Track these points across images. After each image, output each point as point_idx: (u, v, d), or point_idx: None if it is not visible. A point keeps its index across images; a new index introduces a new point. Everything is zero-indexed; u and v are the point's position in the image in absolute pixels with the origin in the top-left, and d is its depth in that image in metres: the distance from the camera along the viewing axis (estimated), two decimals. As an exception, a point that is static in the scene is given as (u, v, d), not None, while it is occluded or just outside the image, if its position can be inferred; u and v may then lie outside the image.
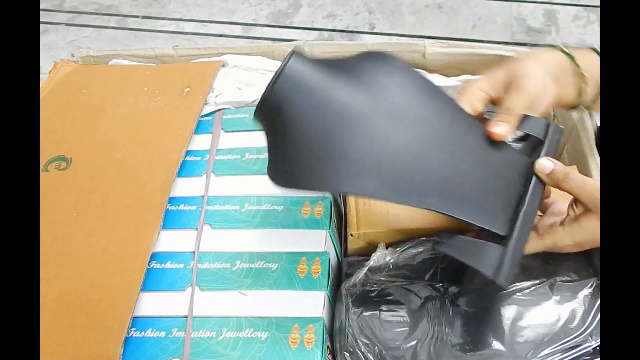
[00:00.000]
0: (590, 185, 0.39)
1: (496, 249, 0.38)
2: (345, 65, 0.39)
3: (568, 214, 0.41)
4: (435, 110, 0.40)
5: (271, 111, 0.37)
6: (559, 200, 0.44)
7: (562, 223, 0.41)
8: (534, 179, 0.41)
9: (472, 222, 0.39)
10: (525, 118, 0.43)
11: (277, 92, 0.36)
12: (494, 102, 0.45)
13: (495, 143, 0.42)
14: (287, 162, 0.37)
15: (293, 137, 0.36)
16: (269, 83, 0.36)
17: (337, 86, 0.37)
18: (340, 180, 0.35)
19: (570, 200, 0.42)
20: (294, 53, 0.37)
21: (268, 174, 0.38)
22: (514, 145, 0.47)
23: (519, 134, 0.46)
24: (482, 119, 0.44)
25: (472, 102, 0.43)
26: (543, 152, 0.42)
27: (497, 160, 0.41)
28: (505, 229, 0.39)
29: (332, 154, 0.35)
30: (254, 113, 0.38)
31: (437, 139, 0.39)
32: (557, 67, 0.45)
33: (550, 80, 0.44)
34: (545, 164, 0.41)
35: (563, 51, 0.46)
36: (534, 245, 0.41)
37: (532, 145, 0.45)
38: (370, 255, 0.48)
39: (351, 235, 0.51)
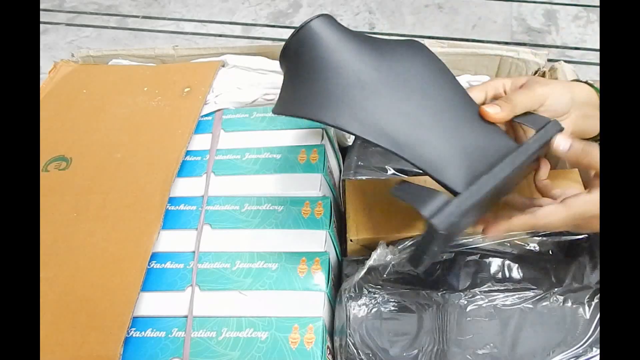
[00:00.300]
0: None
1: (443, 198, 0.38)
2: (371, 38, 0.43)
3: (594, 184, 0.40)
4: (436, 85, 0.42)
5: (299, 43, 0.40)
6: (561, 186, 0.44)
7: (588, 191, 0.40)
8: (512, 155, 0.40)
9: (429, 173, 0.39)
10: (528, 114, 0.43)
11: (311, 26, 0.40)
12: None
13: (492, 127, 0.42)
14: (291, 95, 0.41)
15: (311, 69, 0.40)
16: (295, 30, 0.41)
17: (353, 46, 0.41)
18: (324, 113, 0.39)
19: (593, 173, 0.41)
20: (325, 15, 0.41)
21: (274, 110, 0.42)
22: None
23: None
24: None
25: (486, 90, 0.44)
26: (531, 140, 0.41)
27: (486, 136, 0.42)
28: (462, 188, 0.39)
29: (324, 92, 0.39)
30: (282, 50, 0.42)
31: (427, 104, 0.41)
32: (584, 99, 0.45)
33: (575, 110, 0.44)
34: (562, 141, 0.41)
35: (591, 85, 0.46)
36: (560, 212, 0.39)
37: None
38: (371, 255, 0.48)
39: (350, 240, 0.51)
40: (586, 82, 0.46)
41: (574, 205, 0.39)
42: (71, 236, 0.50)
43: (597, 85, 0.46)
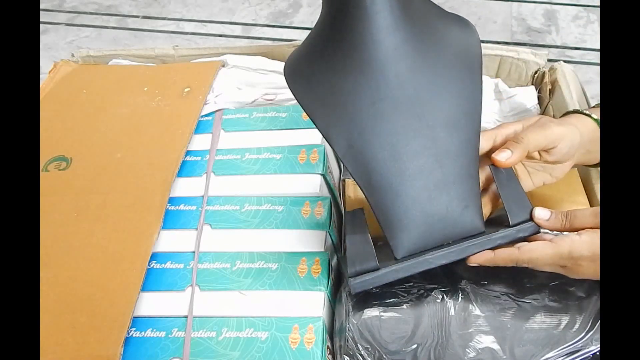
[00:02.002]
0: (590, 212, 0.39)
1: (373, 261, 0.39)
2: (429, 22, 0.39)
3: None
4: (449, 109, 0.40)
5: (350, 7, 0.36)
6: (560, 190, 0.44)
7: (578, 233, 0.39)
8: (467, 245, 0.40)
9: (382, 225, 0.39)
10: (514, 194, 0.42)
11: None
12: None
13: (473, 190, 0.41)
14: (305, 67, 0.39)
15: (329, 47, 0.37)
16: None
17: (396, 35, 0.37)
18: (321, 117, 0.38)
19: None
20: None
21: (285, 64, 0.40)
22: None
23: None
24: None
25: (495, 136, 0.43)
26: (498, 236, 0.40)
27: (457, 201, 0.40)
28: (403, 255, 0.40)
29: (337, 91, 0.37)
30: None
31: (426, 136, 0.39)
32: (589, 137, 0.44)
33: (578, 151, 0.44)
34: (542, 212, 0.40)
35: (594, 119, 0.45)
36: (546, 249, 0.39)
37: (499, 218, 0.43)
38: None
39: None
40: (590, 116, 0.45)
41: (562, 243, 0.38)
42: (71, 236, 0.50)
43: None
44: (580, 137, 0.43)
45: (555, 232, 0.42)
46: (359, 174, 0.38)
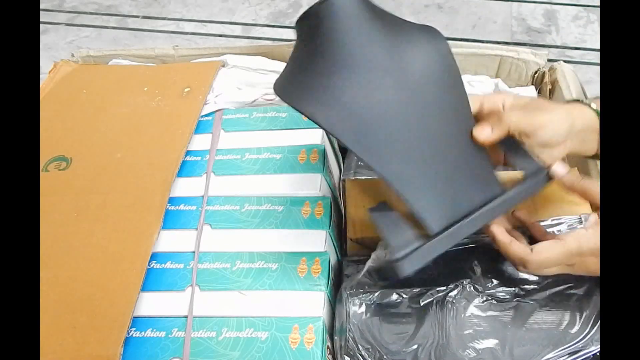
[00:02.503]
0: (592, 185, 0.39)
1: (416, 239, 0.38)
2: (393, 20, 0.40)
3: (589, 221, 0.40)
4: (444, 100, 0.41)
5: (316, 19, 0.38)
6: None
7: (585, 228, 0.39)
8: (493, 205, 0.40)
9: (410, 205, 0.39)
10: (524, 153, 0.42)
11: (333, 2, 0.37)
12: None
13: (480, 156, 0.41)
14: (299, 79, 0.39)
15: (320, 55, 0.38)
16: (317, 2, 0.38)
17: (372, 31, 0.38)
18: (322, 114, 0.37)
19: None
20: None
21: (276, 83, 0.40)
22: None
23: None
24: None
25: (483, 102, 0.43)
26: (513, 191, 0.41)
27: (471, 170, 0.41)
28: (438, 229, 0.39)
29: (340, 91, 0.37)
30: (299, 19, 0.39)
31: (430, 124, 0.40)
32: (583, 126, 0.44)
33: (571, 137, 0.44)
34: (559, 167, 0.41)
35: (592, 109, 0.45)
36: (555, 248, 0.38)
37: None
38: (370, 255, 0.48)
39: (350, 240, 0.51)
40: (589, 106, 0.45)
41: (570, 240, 0.38)
42: (71, 236, 0.50)
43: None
44: (571, 123, 0.43)
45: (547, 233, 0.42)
46: (376, 163, 0.38)
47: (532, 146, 0.43)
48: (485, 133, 0.41)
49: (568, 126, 0.42)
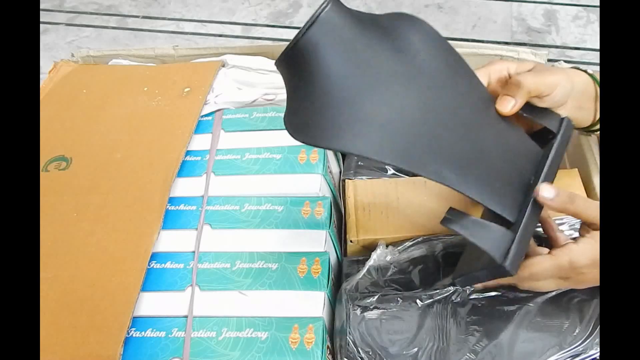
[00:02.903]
0: (595, 205, 0.38)
1: (506, 234, 0.38)
2: (378, 23, 0.38)
3: (580, 234, 0.40)
4: (459, 84, 0.40)
5: (298, 59, 0.35)
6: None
7: (575, 241, 0.39)
8: (544, 171, 0.41)
9: (483, 203, 0.38)
10: (541, 110, 0.43)
11: (309, 38, 0.34)
12: None
13: (512, 127, 0.42)
14: (308, 117, 0.36)
15: (318, 90, 0.35)
16: (301, 29, 0.34)
17: (371, 44, 0.36)
18: (361, 142, 0.34)
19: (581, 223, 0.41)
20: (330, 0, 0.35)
21: (285, 124, 0.37)
22: None
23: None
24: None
25: (490, 74, 0.44)
26: (555, 147, 0.42)
27: (512, 145, 0.41)
28: (514, 215, 0.39)
29: (359, 114, 0.35)
30: (277, 60, 0.36)
31: (459, 115, 0.39)
32: (581, 89, 0.44)
33: (571, 101, 0.44)
34: (547, 190, 0.39)
35: (590, 75, 0.45)
36: (546, 263, 0.38)
37: (543, 135, 0.45)
38: (371, 255, 0.48)
39: (350, 241, 0.51)
40: (586, 72, 0.45)
41: (560, 254, 0.38)
42: (71, 236, 0.50)
43: (597, 75, 0.45)
44: (572, 86, 0.43)
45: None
46: (433, 174, 0.36)
47: (535, 87, 0.43)
48: (510, 104, 0.41)
49: (570, 87, 0.43)
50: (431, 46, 0.40)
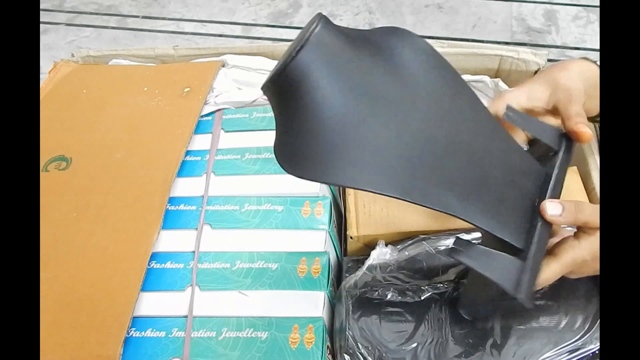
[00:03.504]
0: (595, 209, 0.38)
1: (516, 263, 0.36)
2: (369, 41, 0.35)
3: (582, 231, 0.39)
4: (460, 106, 0.38)
5: (288, 85, 0.32)
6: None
7: (576, 237, 0.39)
8: (549, 191, 0.39)
9: (490, 231, 0.37)
10: (539, 123, 0.42)
11: (299, 63, 0.31)
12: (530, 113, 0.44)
13: (515, 148, 0.40)
14: (302, 148, 0.32)
15: (311, 118, 0.32)
16: (290, 50, 0.31)
17: (364, 64, 0.33)
18: (362, 176, 0.32)
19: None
20: (321, 17, 0.32)
21: (276, 156, 0.33)
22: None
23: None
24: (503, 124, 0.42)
25: (497, 111, 0.43)
26: (557, 165, 0.40)
27: (516, 167, 0.40)
28: (522, 241, 0.37)
29: (355, 144, 0.32)
30: (264, 86, 0.33)
31: (461, 137, 0.37)
32: (590, 79, 0.44)
33: (583, 93, 0.44)
34: (553, 208, 0.38)
35: (596, 63, 0.45)
36: (552, 267, 0.38)
37: (542, 151, 0.44)
38: (370, 254, 0.48)
39: (351, 238, 0.51)
40: (593, 61, 0.45)
41: (564, 255, 0.38)
42: (71, 236, 0.50)
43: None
44: (585, 82, 0.43)
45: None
46: (438, 204, 0.35)
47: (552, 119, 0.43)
48: (586, 132, 0.40)
49: (584, 86, 0.43)
50: (427, 64, 0.37)
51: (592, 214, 0.38)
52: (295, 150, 0.33)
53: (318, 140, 0.32)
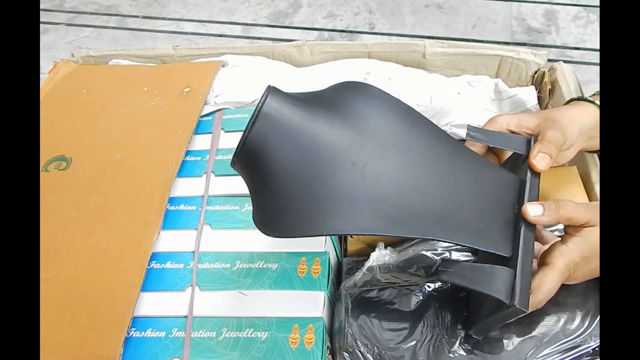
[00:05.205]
0: (583, 206, 0.38)
1: (505, 272, 0.36)
2: (323, 99, 0.38)
3: (567, 233, 0.40)
4: (420, 137, 0.39)
5: (251, 156, 0.35)
6: (560, 187, 0.44)
7: (563, 241, 0.39)
8: (526, 196, 0.40)
9: (476, 247, 0.38)
10: (503, 135, 0.43)
11: (256, 133, 0.34)
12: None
13: (482, 164, 0.41)
14: (277, 211, 0.35)
15: (278, 181, 0.35)
16: (247, 126, 0.35)
17: (319, 122, 0.35)
18: (339, 222, 0.34)
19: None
20: (270, 89, 0.36)
21: (256, 223, 0.37)
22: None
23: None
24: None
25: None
26: (529, 169, 0.41)
27: (487, 181, 0.41)
28: (509, 249, 0.38)
29: (325, 195, 0.34)
30: (232, 162, 0.36)
31: (427, 166, 0.38)
32: (589, 122, 0.45)
33: (580, 137, 0.44)
34: (534, 209, 0.38)
35: (595, 104, 0.46)
36: (550, 277, 0.38)
37: (512, 160, 0.45)
38: (370, 255, 0.48)
39: (351, 237, 0.51)
40: (593, 102, 0.46)
41: (557, 262, 0.38)
42: (71, 236, 0.50)
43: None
44: (580, 126, 0.44)
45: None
46: (417, 233, 0.36)
47: (560, 144, 0.43)
48: (545, 161, 0.41)
49: (578, 127, 0.44)
50: (380, 107, 0.38)
51: (574, 209, 0.38)
52: (269, 214, 0.35)
53: (286, 200, 0.34)
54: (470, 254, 0.47)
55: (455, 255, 0.47)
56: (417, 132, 0.39)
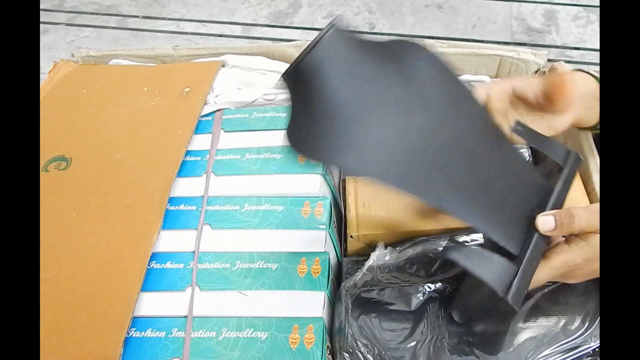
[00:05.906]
0: (596, 216, 0.38)
1: (508, 267, 0.37)
2: (382, 48, 0.38)
3: (575, 235, 0.39)
4: (466, 114, 0.39)
5: (301, 77, 0.35)
6: None
7: (567, 242, 0.39)
8: (549, 205, 0.40)
9: (485, 232, 0.38)
10: (547, 140, 0.43)
11: (312, 59, 0.34)
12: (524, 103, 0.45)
13: (518, 160, 0.41)
14: (311, 133, 0.35)
15: (322, 106, 0.35)
16: (306, 48, 0.34)
17: (374, 67, 0.36)
18: (361, 161, 0.34)
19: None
20: (335, 24, 0.35)
21: (287, 138, 0.36)
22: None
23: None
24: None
25: (490, 94, 0.44)
26: (562, 180, 0.41)
27: (517, 175, 0.40)
28: (517, 248, 0.38)
29: (360, 133, 0.34)
30: (285, 73, 0.36)
31: (464, 142, 0.38)
32: (587, 90, 0.45)
33: (578, 103, 0.44)
34: (545, 223, 0.38)
35: (593, 76, 0.46)
36: (544, 270, 0.38)
37: (548, 167, 0.44)
38: (370, 255, 0.48)
39: (351, 237, 0.51)
40: (589, 73, 0.46)
41: (554, 257, 0.38)
42: (71, 236, 0.50)
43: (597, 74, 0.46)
44: (580, 90, 0.44)
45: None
46: (433, 199, 0.36)
47: (545, 112, 0.44)
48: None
49: (577, 91, 0.43)
50: (436, 74, 0.39)
51: (588, 220, 0.38)
52: (304, 133, 0.36)
53: (325, 127, 0.35)
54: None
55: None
56: (464, 108, 0.39)
